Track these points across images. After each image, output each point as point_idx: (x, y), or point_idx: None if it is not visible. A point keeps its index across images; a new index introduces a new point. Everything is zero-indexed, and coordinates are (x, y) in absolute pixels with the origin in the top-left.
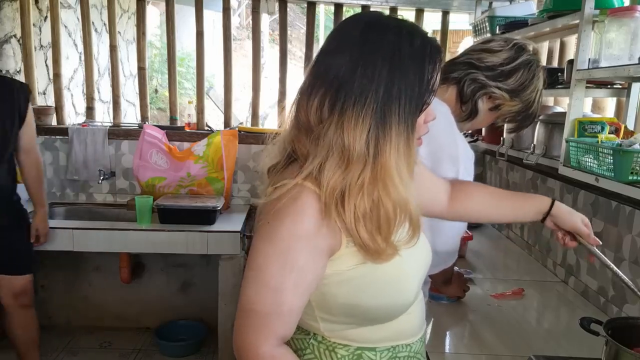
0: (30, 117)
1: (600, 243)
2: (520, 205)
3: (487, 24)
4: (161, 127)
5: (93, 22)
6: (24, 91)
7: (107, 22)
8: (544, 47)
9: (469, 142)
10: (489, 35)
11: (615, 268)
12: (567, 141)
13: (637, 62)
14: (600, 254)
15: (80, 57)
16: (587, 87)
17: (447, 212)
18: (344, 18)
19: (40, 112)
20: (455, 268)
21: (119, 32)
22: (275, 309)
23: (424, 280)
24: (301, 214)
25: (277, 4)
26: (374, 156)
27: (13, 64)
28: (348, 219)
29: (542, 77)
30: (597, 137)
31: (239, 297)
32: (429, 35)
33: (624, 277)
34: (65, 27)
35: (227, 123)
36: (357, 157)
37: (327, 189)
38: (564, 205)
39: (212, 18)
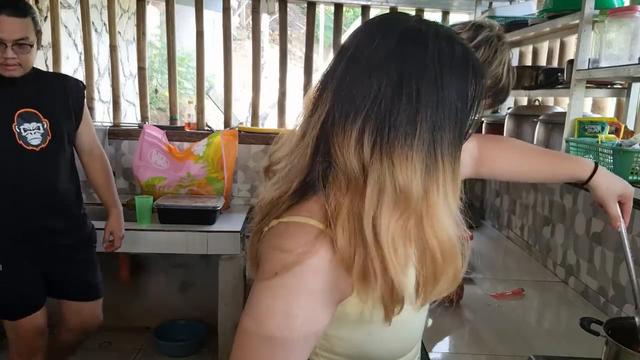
0: (86, 115)
1: (618, 227)
2: (556, 166)
3: None
4: (161, 127)
5: (93, 22)
6: (78, 88)
7: (107, 22)
8: (544, 47)
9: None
10: None
11: (630, 259)
12: (567, 141)
13: (637, 62)
14: (625, 236)
15: (80, 57)
16: (587, 87)
17: (471, 175)
18: (344, 18)
19: None
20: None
21: (119, 32)
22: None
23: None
24: (317, 269)
25: (277, 4)
26: (425, 194)
27: None
28: (396, 273)
29: (507, 50)
30: (597, 137)
31: (235, 342)
32: (465, 43)
33: (633, 274)
34: (65, 27)
35: (227, 123)
36: (416, 196)
37: (388, 242)
38: (607, 175)
39: (212, 18)
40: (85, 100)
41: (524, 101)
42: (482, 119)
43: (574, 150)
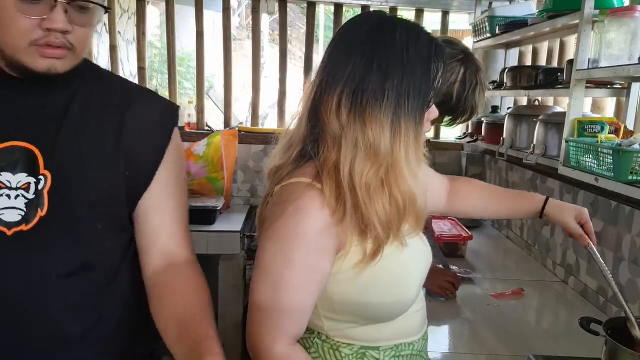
0: (171, 171)
1: (588, 244)
2: (514, 204)
3: (487, 24)
4: None
5: None
6: (158, 113)
7: (107, 22)
8: (543, 47)
9: (469, 142)
10: (488, 35)
11: (608, 273)
12: (567, 141)
13: (637, 62)
14: (597, 254)
15: None
16: (587, 87)
17: (445, 209)
18: (344, 18)
19: None
20: (454, 268)
21: (119, 32)
22: (287, 308)
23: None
24: (308, 213)
25: (277, 4)
26: (391, 150)
27: None
28: (372, 214)
29: (463, 72)
30: (596, 137)
31: (249, 298)
32: (432, 34)
33: (615, 286)
34: None
35: (227, 123)
36: (383, 152)
37: (362, 187)
38: (557, 203)
39: (212, 18)
40: (173, 137)
41: (523, 101)
42: (482, 119)
43: (573, 150)
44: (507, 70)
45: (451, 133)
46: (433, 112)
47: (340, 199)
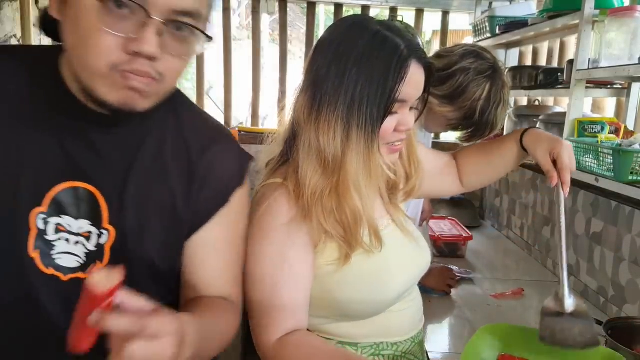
0: (230, 216)
1: (554, 184)
2: (505, 150)
3: (487, 24)
4: None
5: None
6: (229, 156)
7: None
8: (544, 47)
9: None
10: (488, 35)
11: (563, 234)
12: None
13: (637, 62)
14: (561, 203)
15: None
16: (587, 87)
17: (461, 189)
18: None
19: None
20: (454, 267)
21: None
22: (264, 302)
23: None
24: (273, 211)
25: (277, 4)
26: (341, 160)
27: None
28: (324, 218)
29: (488, 89)
30: (597, 137)
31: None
32: (410, 41)
33: (564, 252)
34: None
35: (227, 123)
36: (333, 159)
37: (308, 189)
38: (534, 132)
39: (212, 18)
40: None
41: (524, 101)
42: None
43: (573, 150)
44: (507, 70)
45: (451, 133)
46: (403, 123)
47: (300, 199)
